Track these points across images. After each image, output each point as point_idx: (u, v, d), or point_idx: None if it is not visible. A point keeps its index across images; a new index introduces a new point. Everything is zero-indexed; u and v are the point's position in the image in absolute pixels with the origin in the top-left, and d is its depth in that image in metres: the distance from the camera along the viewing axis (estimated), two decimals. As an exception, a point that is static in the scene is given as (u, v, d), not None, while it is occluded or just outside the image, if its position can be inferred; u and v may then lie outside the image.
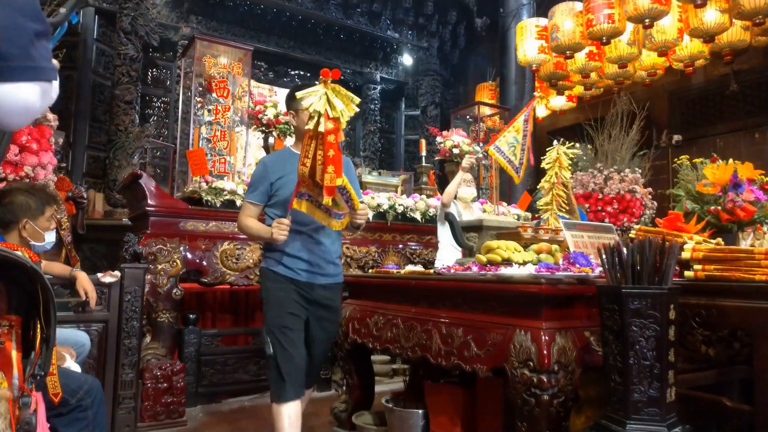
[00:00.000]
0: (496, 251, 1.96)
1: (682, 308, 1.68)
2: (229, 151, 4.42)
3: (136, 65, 6.28)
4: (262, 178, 2.30)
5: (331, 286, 2.32)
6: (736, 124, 6.38)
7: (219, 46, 4.66)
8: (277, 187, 2.27)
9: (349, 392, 2.75)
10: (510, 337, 1.72)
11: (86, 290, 2.57)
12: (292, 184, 2.13)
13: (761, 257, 1.68)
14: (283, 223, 2.11)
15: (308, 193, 2.06)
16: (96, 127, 6.37)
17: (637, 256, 1.54)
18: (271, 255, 2.29)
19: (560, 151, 2.70)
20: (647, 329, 1.46)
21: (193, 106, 4.37)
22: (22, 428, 1.10)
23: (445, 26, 8.90)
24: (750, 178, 2.70)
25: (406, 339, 2.16)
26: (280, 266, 2.25)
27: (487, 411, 2.25)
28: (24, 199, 2.19)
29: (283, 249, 2.23)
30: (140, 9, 6.32)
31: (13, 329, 1.17)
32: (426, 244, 4.52)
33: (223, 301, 4.23)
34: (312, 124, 1.94)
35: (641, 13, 4.24)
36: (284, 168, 2.28)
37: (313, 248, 2.27)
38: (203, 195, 3.62)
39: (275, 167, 2.31)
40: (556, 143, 2.76)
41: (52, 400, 1.37)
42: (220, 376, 3.63)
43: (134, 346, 2.91)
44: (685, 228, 2.23)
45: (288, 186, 2.20)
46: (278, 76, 7.85)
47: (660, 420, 1.44)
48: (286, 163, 2.30)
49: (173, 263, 3.41)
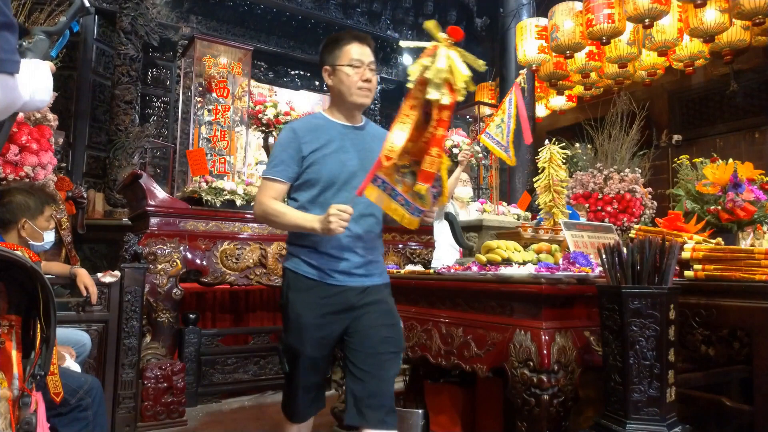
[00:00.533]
0: (496, 251, 1.96)
1: (682, 308, 1.68)
2: (229, 151, 4.42)
3: (136, 65, 6.28)
4: (289, 148, 1.76)
5: (379, 288, 1.82)
6: (736, 124, 6.39)
7: (219, 46, 4.66)
8: (311, 162, 1.75)
9: (349, 392, 2.74)
10: (510, 336, 1.72)
11: (87, 286, 2.58)
12: (332, 162, 1.74)
13: (761, 257, 1.68)
14: (346, 212, 1.58)
15: (384, 179, 1.60)
16: (96, 127, 6.36)
17: (637, 256, 1.54)
18: (298, 252, 1.78)
19: (552, 150, 2.72)
20: (647, 329, 1.46)
21: (193, 106, 4.38)
22: (22, 428, 1.10)
23: (445, 26, 8.87)
24: (750, 178, 2.70)
25: (406, 339, 2.16)
26: (308, 267, 1.75)
27: (487, 411, 2.26)
28: (23, 199, 2.19)
29: (315, 244, 1.73)
30: (140, 9, 6.32)
31: (13, 329, 1.17)
32: (426, 244, 4.51)
33: (223, 301, 4.23)
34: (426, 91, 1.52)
35: (641, 13, 4.24)
36: (320, 138, 1.77)
37: (355, 244, 1.75)
38: (203, 195, 3.62)
39: (309, 136, 1.77)
40: (548, 143, 2.77)
41: (54, 399, 1.37)
42: (220, 376, 3.63)
43: (134, 346, 2.91)
44: (685, 228, 2.23)
45: (326, 163, 1.74)
46: (278, 76, 7.84)
47: (660, 420, 1.45)
48: (322, 132, 1.79)
49: (173, 263, 3.41)
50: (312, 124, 1.82)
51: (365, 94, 1.78)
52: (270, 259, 3.70)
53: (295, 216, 1.71)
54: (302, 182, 1.77)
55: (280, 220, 1.73)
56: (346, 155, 1.76)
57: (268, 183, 1.77)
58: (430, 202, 1.66)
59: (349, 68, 1.75)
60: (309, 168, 1.75)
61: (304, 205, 1.76)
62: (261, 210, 1.76)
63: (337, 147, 1.76)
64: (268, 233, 3.82)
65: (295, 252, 1.80)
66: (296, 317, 1.74)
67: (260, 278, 3.68)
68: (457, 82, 1.52)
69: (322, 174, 1.74)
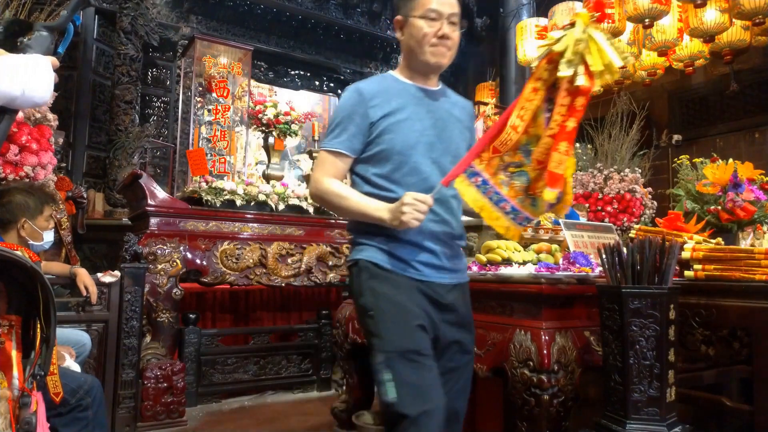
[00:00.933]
0: (496, 251, 1.96)
1: (682, 308, 1.68)
2: (229, 150, 4.43)
3: (136, 65, 6.27)
4: (355, 114, 1.46)
5: (463, 288, 1.53)
6: (736, 124, 6.38)
7: (219, 45, 4.67)
8: (381, 130, 1.45)
9: (349, 392, 2.75)
10: (510, 336, 1.72)
11: (87, 286, 2.58)
12: (407, 130, 1.45)
13: (761, 257, 1.68)
14: (425, 202, 1.30)
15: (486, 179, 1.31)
16: (96, 127, 6.36)
17: (637, 255, 1.54)
18: (372, 241, 1.46)
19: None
20: (647, 329, 1.46)
21: (193, 105, 4.38)
22: (22, 428, 1.10)
23: (444, 26, 8.87)
24: (750, 178, 2.70)
25: (406, 339, 2.16)
26: (389, 257, 1.43)
27: (487, 411, 2.25)
28: (22, 199, 2.19)
29: (394, 231, 1.41)
30: (140, 9, 6.31)
31: (13, 329, 1.17)
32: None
33: (223, 301, 4.23)
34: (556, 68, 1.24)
35: (641, 13, 4.24)
36: (391, 101, 1.47)
37: (439, 231, 1.45)
38: (203, 195, 3.62)
39: (378, 98, 1.47)
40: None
41: (54, 399, 1.37)
42: (220, 376, 3.62)
43: (134, 345, 2.91)
44: (685, 228, 2.23)
45: (400, 132, 1.45)
46: (278, 76, 7.84)
47: (660, 420, 1.45)
48: (394, 94, 1.49)
49: (173, 263, 3.41)
50: (382, 86, 1.51)
51: (441, 53, 1.48)
52: (270, 259, 3.70)
53: (359, 202, 1.42)
54: (370, 155, 1.47)
55: (341, 204, 1.44)
56: (422, 123, 1.48)
57: (328, 157, 1.47)
58: (543, 211, 1.37)
59: (422, 20, 1.45)
60: (379, 138, 1.45)
61: (372, 180, 1.47)
62: (317, 190, 1.47)
63: (412, 113, 1.47)
64: (268, 233, 3.82)
65: (369, 241, 1.46)
66: (392, 303, 1.37)
67: (260, 278, 3.68)
68: (596, 64, 1.22)
69: (395, 145, 1.44)
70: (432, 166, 1.44)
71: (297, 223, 3.93)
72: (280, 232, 3.86)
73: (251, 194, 3.75)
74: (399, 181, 1.44)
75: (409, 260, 1.43)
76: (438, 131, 1.49)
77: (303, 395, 3.82)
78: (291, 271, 3.76)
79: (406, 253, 1.43)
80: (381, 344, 1.35)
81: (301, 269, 3.79)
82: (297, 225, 3.93)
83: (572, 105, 1.26)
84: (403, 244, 1.43)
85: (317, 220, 4.00)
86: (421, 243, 1.43)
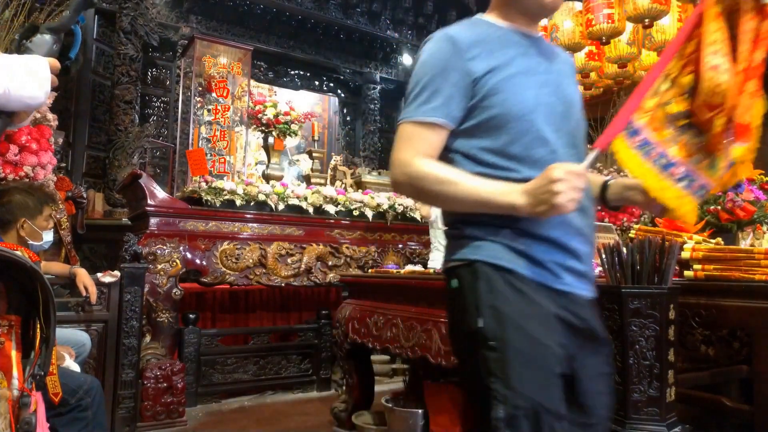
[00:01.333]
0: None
1: (682, 308, 1.68)
2: (228, 150, 4.43)
3: (136, 65, 6.27)
4: (450, 67, 1.08)
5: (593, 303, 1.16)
6: (735, 124, 6.39)
7: (219, 45, 4.67)
8: (489, 89, 1.07)
9: (349, 392, 2.75)
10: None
11: (86, 286, 2.58)
12: (522, 88, 1.08)
13: (761, 257, 1.69)
14: (580, 175, 0.95)
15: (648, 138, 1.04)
16: (96, 127, 6.36)
17: (636, 255, 1.54)
18: (495, 236, 1.05)
19: None
20: (647, 329, 1.46)
21: (193, 105, 4.38)
22: (22, 428, 1.10)
23: (445, 26, 8.89)
24: (750, 178, 2.70)
25: (406, 339, 2.16)
26: (525, 261, 1.04)
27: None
28: (22, 199, 2.19)
29: (524, 224, 1.04)
30: (140, 9, 6.31)
31: (13, 329, 1.17)
32: (426, 243, 4.51)
33: (222, 301, 4.23)
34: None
35: (641, 13, 4.24)
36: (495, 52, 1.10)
37: (581, 224, 1.10)
38: (203, 195, 3.62)
39: (478, 48, 1.09)
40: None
41: (52, 400, 1.37)
42: (219, 376, 3.63)
43: (134, 346, 2.91)
44: (685, 228, 2.23)
45: (516, 91, 1.07)
46: (278, 76, 7.84)
47: (660, 420, 1.45)
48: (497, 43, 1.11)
49: (173, 263, 3.41)
50: (477, 33, 1.12)
51: None
52: (270, 259, 3.70)
53: (475, 187, 1.02)
54: (474, 124, 1.08)
55: (446, 192, 1.03)
56: (537, 79, 1.11)
57: (417, 130, 1.07)
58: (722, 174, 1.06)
59: None
60: (486, 100, 1.07)
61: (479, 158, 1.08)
62: (407, 176, 1.06)
63: (523, 67, 1.10)
64: (267, 233, 3.82)
65: (484, 234, 1.06)
66: (532, 343, 0.99)
67: (260, 278, 3.68)
68: None
69: (510, 108, 1.06)
70: (556, 134, 1.09)
71: (297, 223, 3.93)
72: (280, 232, 3.86)
73: (251, 194, 3.75)
74: (520, 156, 1.06)
75: (545, 262, 1.04)
76: (554, 89, 1.13)
77: (303, 395, 3.82)
78: (291, 271, 3.77)
79: (542, 252, 1.04)
80: (507, 394, 0.97)
81: (301, 269, 3.80)
82: (297, 225, 3.93)
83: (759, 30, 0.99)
84: (539, 242, 1.04)
85: (317, 220, 4.00)
86: (565, 240, 1.05)
